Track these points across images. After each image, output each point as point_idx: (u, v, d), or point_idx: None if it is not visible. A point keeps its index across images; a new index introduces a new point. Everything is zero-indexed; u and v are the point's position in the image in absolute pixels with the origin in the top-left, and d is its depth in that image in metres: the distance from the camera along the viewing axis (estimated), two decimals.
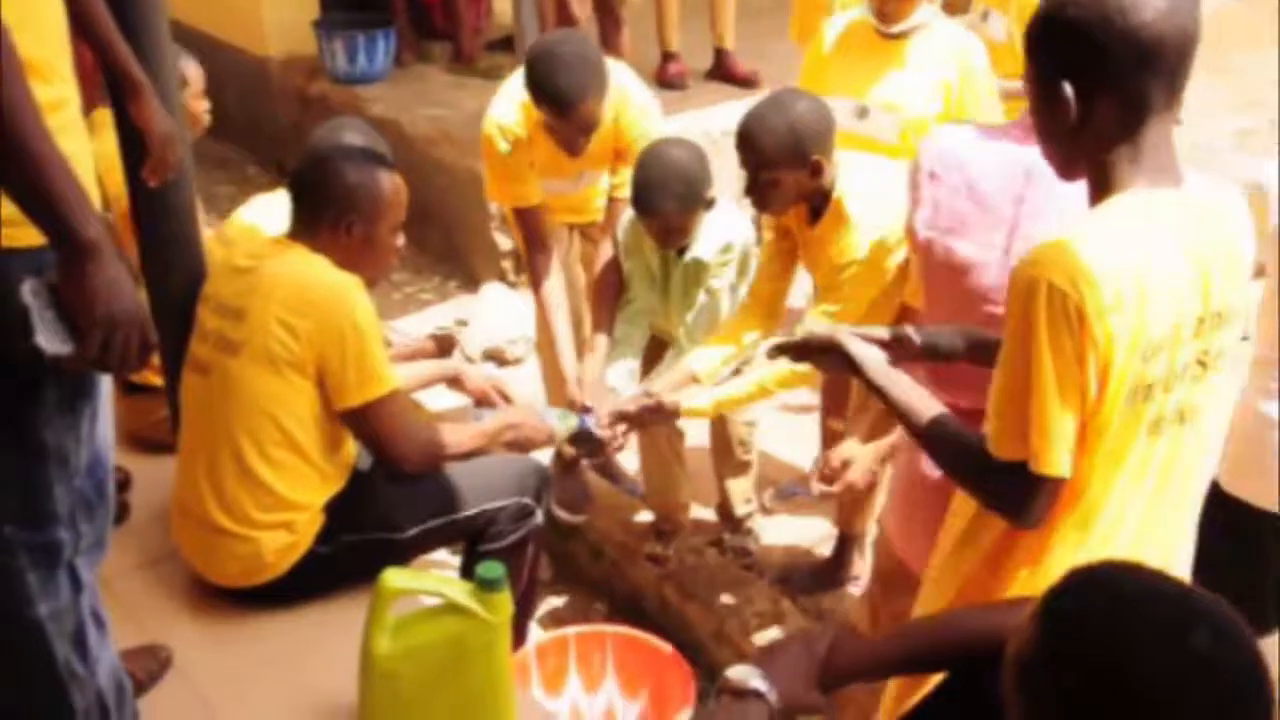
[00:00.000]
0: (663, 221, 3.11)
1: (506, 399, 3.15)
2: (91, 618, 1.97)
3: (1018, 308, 1.61)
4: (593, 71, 3.15)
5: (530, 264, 3.56)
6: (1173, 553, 1.83)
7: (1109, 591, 1.20)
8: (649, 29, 5.90)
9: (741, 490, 3.68)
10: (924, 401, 1.84)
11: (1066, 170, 1.74)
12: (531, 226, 3.51)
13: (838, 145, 2.93)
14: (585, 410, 3.11)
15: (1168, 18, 1.58)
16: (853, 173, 2.93)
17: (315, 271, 2.54)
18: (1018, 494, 1.68)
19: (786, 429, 4.11)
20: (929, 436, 1.83)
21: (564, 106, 3.14)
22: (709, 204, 3.15)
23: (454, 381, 3.22)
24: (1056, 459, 1.62)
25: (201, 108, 3.74)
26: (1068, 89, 1.63)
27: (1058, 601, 1.23)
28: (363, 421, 2.57)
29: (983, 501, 1.78)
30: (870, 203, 2.88)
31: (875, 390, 1.93)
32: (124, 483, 2.99)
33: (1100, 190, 1.67)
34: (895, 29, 3.29)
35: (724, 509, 3.77)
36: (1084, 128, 1.64)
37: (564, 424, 3.06)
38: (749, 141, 2.86)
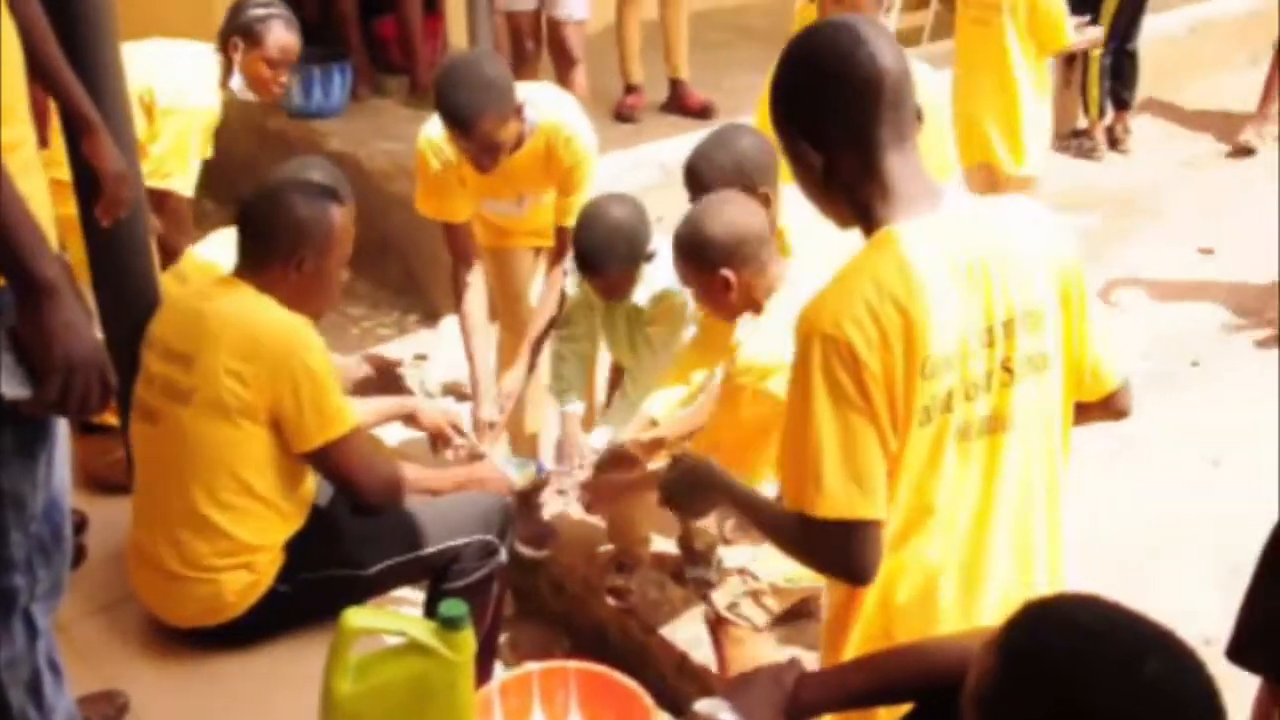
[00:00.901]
0: (606, 280, 3.16)
1: (461, 434, 3.15)
2: (48, 665, 1.94)
3: (796, 363, 1.69)
4: (492, 92, 3.17)
5: (454, 278, 3.66)
6: (1029, 553, 1.86)
7: (1064, 625, 1.22)
8: (611, 60, 5.94)
9: (703, 522, 3.69)
10: (763, 503, 1.96)
11: (841, 220, 1.82)
12: (457, 241, 3.62)
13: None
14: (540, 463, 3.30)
15: (873, 61, 1.68)
16: (801, 206, 2.97)
17: (263, 315, 2.51)
18: (831, 547, 1.69)
19: None
20: (760, 526, 1.91)
21: (460, 124, 3.18)
22: (650, 258, 3.20)
23: (409, 419, 3.21)
24: (841, 498, 1.65)
25: (269, 75, 3.70)
26: (808, 147, 1.73)
27: (1014, 636, 1.25)
28: (325, 461, 2.55)
29: (816, 568, 1.81)
30: (813, 236, 2.92)
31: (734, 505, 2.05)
32: (80, 525, 2.94)
33: (866, 231, 1.75)
34: None
35: (685, 541, 3.77)
36: (832, 178, 1.74)
37: (523, 474, 3.10)
38: (696, 178, 2.91)
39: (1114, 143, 7.05)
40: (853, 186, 1.73)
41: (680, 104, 5.96)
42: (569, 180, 3.42)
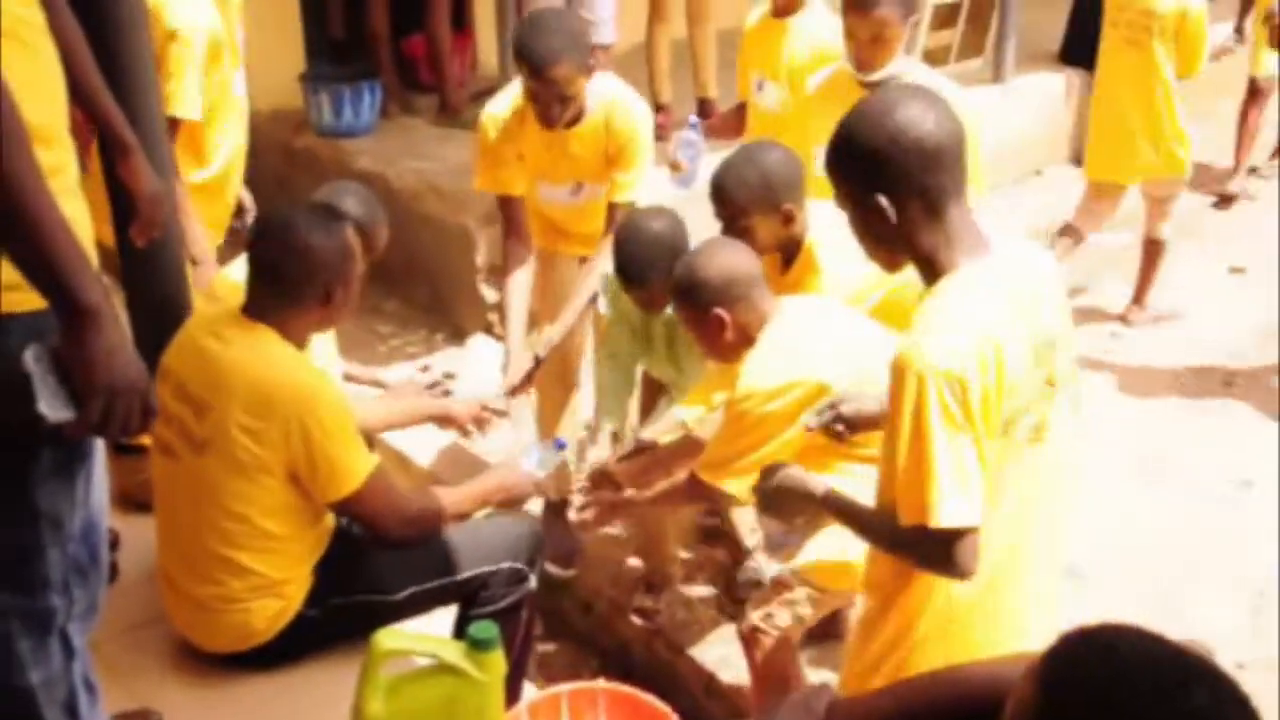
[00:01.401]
0: (647, 292, 3.17)
1: (500, 413, 3.29)
2: (83, 684, 1.95)
3: (905, 397, 1.90)
4: (570, 39, 3.32)
5: (505, 250, 3.75)
6: (1057, 547, 2.15)
7: (1106, 655, 1.21)
8: (640, 79, 5.95)
9: (748, 520, 3.70)
10: (861, 510, 2.16)
11: (891, 264, 2.06)
12: (511, 214, 3.71)
13: (828, 198, 2.97)
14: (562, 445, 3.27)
15: (940, 124, 1.94)
16: (830, 224, 2.99)
17: (277, 369, 2.47)
18: (943, 552, 1.92)
19: None
20: (865, 536, 2.15)
21: (538, 66, 3.28)
22: None
23: (442, 420, 3.28)
24: (955, 510, 1.88)
25: None
26: (882, 200, 1.94)
27: (1054, 665, 1.23)
28: (347, 510, 2.57)
29: (922, 568, 2.01)
30: (841, 254, 2.94)
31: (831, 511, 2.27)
32: (113, 543, 2.95)
33: (930, 275, 1.98)
34: (873, 77, 3.33)
35: (731, 539, 3.76)
36: (902, 227, 1.96)
37: (546, 465, 3.11)
38: (723, 192, 2.96)
39: None
40: (918, 234, 1.96)
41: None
42: (623, 155, 3.51)
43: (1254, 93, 6.52)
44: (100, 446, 1.93)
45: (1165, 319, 5.44)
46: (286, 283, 2.51)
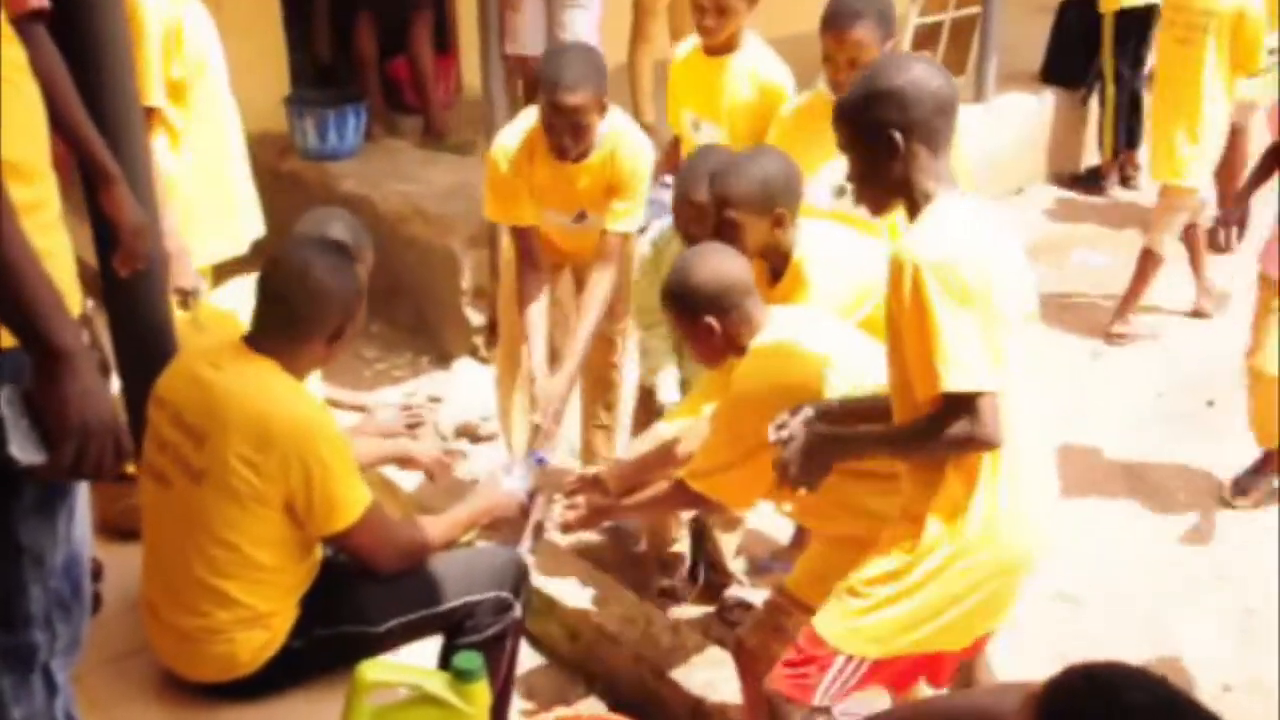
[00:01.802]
0: (702, 198, 3.13)
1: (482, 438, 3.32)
2: None
3: (905, 287, 2.17)
4: (594, 71, 3.43)
5: (520, 280, 3.75)
6: (1045, 472, 2.40)
7: (1107, 693, 1.22)
8: (623, 100, 5.97)
9: (731, 546, 3.72)
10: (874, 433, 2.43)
11: (881, 205, 2.38)
12: (525, 245, 3.74)
13: (821, 220, 3.04)
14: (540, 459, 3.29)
15: (947, 82, 2.32)
16: (819, 241, 3.03)
17: (278, 403, 2.47)
18: (965, 419, 2.14)
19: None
20: (894, 447, 2.38)
21: (561, 90, 3.35)
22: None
23: (404, 461, 3.29)
24: (969, 374, 2.13)
25: None
26: (897, 136, 2.26)
27: (1055, 698, 1.25)
28: (340, 543, 2.58)
29: (956, 448, 2.21)
30: (830, 270, 2.98)
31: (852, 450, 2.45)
32: (95, 573, 2.94)
33: (917, 205, 2.30)
34: None
35: (716, 564, 3.79)
36: (905, 163, 2.28)
37: (526, 480, 3.11)
38: (719, 181, 3.01)
39: (1124, 180, 7.06)
40: (916, 172, 2.27)
41: None
42: (623, 186, 3.58)
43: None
44: (83, 482, 1.92)
45: (1146, 337, 5.46)
46: (298, 319, 2.52)
